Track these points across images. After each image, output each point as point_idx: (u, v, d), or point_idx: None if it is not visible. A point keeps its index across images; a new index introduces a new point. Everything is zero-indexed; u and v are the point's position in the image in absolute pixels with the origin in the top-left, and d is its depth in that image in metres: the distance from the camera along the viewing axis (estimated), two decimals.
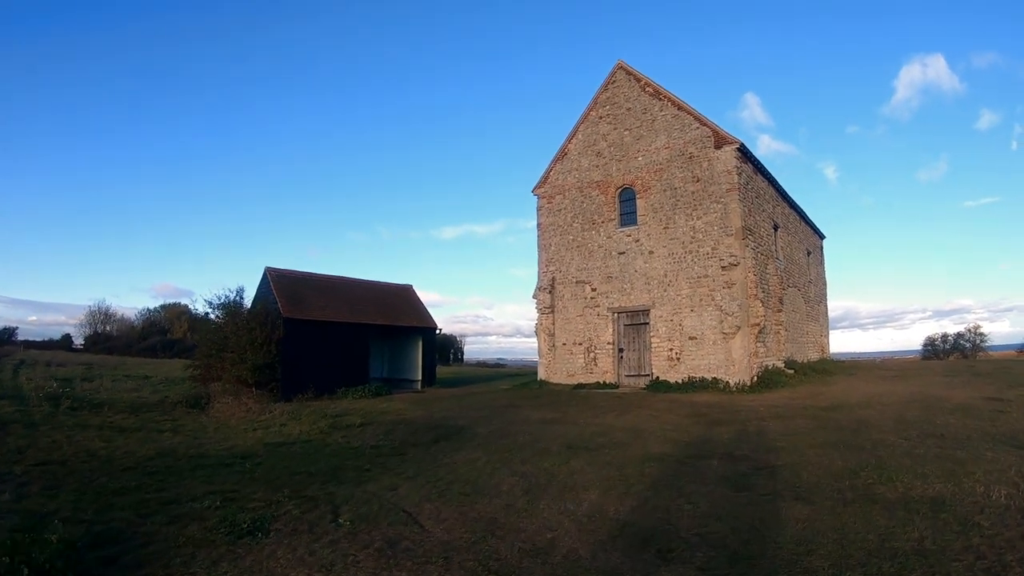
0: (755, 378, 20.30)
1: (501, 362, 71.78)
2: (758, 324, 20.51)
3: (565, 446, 10.91)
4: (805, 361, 27.96)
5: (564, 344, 24.97)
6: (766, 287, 22.52)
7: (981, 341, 43.72)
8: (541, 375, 25.58)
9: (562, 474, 8.85)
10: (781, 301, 24.00)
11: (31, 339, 64.56)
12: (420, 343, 27.05)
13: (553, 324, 25.38)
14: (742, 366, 20.08)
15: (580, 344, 24.40)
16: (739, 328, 20.20)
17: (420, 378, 26.90)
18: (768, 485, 7.90)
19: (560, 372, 24.87)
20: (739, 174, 21.20)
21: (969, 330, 44.65)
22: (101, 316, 68.43)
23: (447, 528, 6.62)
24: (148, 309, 72.84)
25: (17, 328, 65.92)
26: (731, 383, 19.86)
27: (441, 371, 49.85)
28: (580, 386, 22.87)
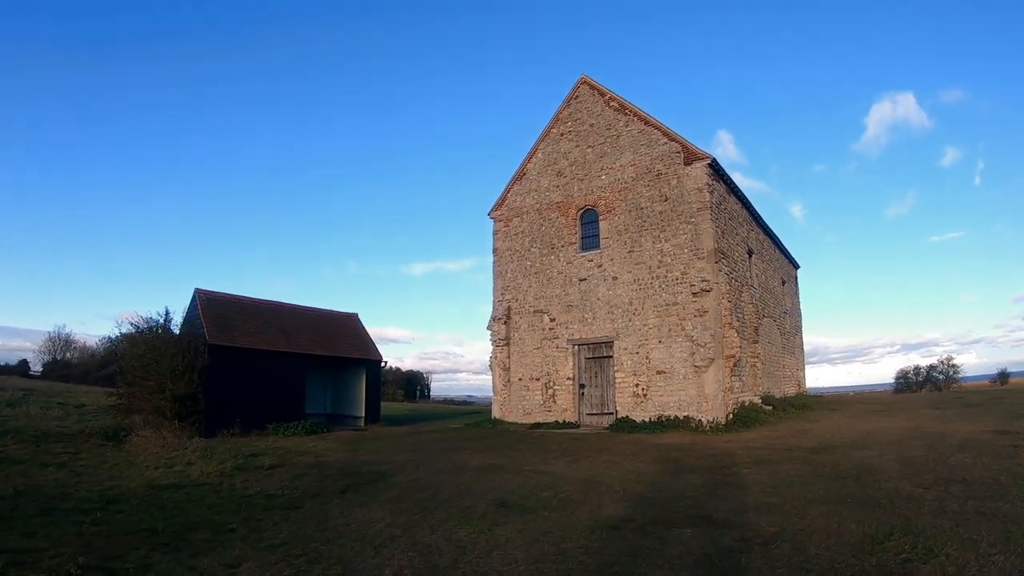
0: (730, 416, 18.11)
1: (470, 399, 69.76)
2: (733, 356, 18.39)
3: (497, 504, 8.45)
4: (782, 396, 25.94)
5: (520, 379, 22.54)
6: (741, 316, 20.51)
7: (954, 373, 43.61)
8: (495, 413, 23.06)
9: (478, 549, 6.40)
10: (757, 331, 22.01)
11: None
12: (364, 376, 24.37)
13: (508, 357, 22.99)
14: (716, 402, 17.87)
15: (537, 379, 22.00)
16: (712, 360, 18.05)
17: (363, 414, 24.16)
18: (764, 569, 5.56)
19: (516, 410, 22.38)
20: (711, 192, 19.35)
21: (942, 362, 44.65)
22: (61, 343, 64.97)
23: None
24: (110, 338, 68.96)
25: None
26: (704, 421, 17.62)
27: (398, 408, 47.42)
28: (537, 425, 20.41)
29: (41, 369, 62.00)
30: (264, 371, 20.80)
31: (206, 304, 21.30)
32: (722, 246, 19.61)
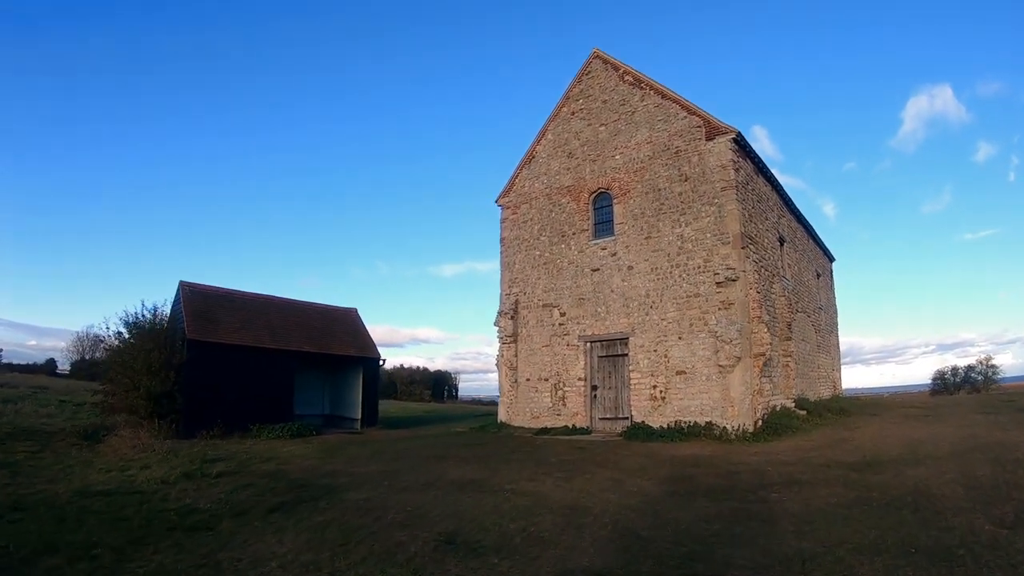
0: (759, 422, 15.99)
1: (497, 400, 67.78)
2: (763, 354, 16.25)
3: (442, 540, 6.59)
4: (817, 399, 23.59)
5: (528, 380, 20.67)
6: (772, 309, 18.31)
7: (993, 373, 41.78)
8: (501, 416, 21.24)
9: None
10: (790, 327, 19.76)
11: (17, 362, 62.03)
12: (360, 376, 22.75)
13: (516, 356, 21.13)
14: (743, 407, 15.77)
15: (546, 380, 20.10)
16: (739, 359, 15.94)
17: (360, 416, 22.54)
18: None
19: (523, 413, 20.52)
20: (736, 170, 17.21)
21: (980, 362, 42.80)
22: (89, 342, 65.78)
23: None
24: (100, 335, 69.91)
25: (1, 350, 63.01)
26: (729, 428, 15.54)
27: (416, 408, 45.86)
28: (544, 431, 18.52)
29: (69, 368, 62.66)
30: (249, 369, 19.51)
31: (189, 297, 20.05)
32: (749, 230, 17.45)
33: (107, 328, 19.16)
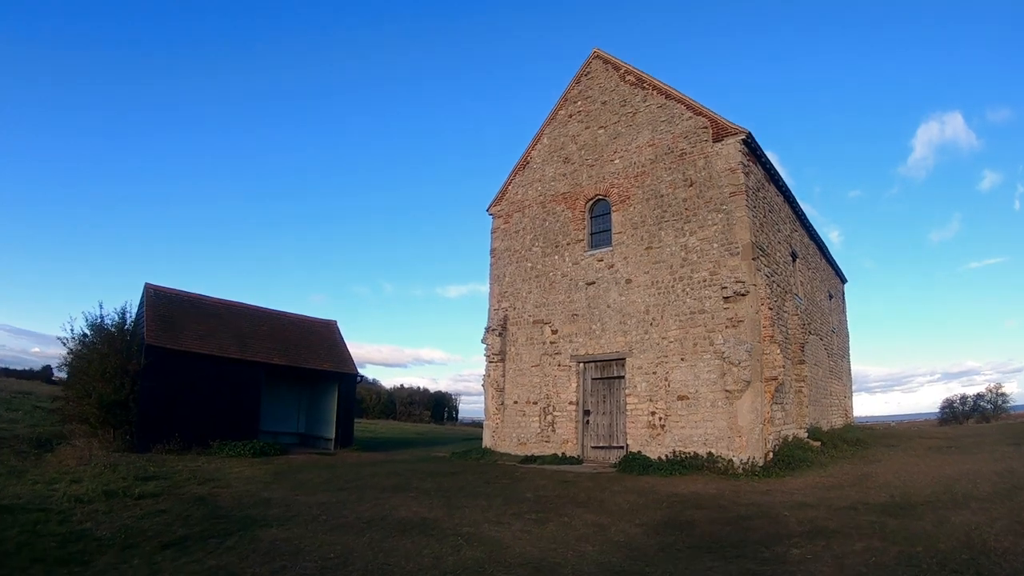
0: (770, 454, 14.16)
1: None
2: (775, 378, 14.46)
3: None
4: (830, 428, 21.70)
5: (516, 402, 18.87)
6: (784, 329, 16.54)
7: (1003, 402, 40.52)
8: (486, 442, 19.40)
9: None
10: (803, 349, 17.98)
11: (13, 367, 61.39)
12: (336, 393, 21.01)
13: (503, 376, 19.36)
14: (752, 437, 13.96)
15: (535, 403, 18.31)
16: (748, 383, 14.17)
17: (333, 436, 20.78)
18: None
19: (509, 439, 18.69)
20: (746, 173, 15.61)
21: (989, 390, 41.40)
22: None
23: None
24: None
25: None
26: (735, 461, 13.72)
27: (408, 429, 43.87)
28: (531, 459, 16.68)
29: (66, 374, 61.67)
30: (212, 380, 18.06)
31: (153, 300, 18.64)
32: (760, 241, 15.79)
33: (71, 330, 17.94)
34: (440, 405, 68.81)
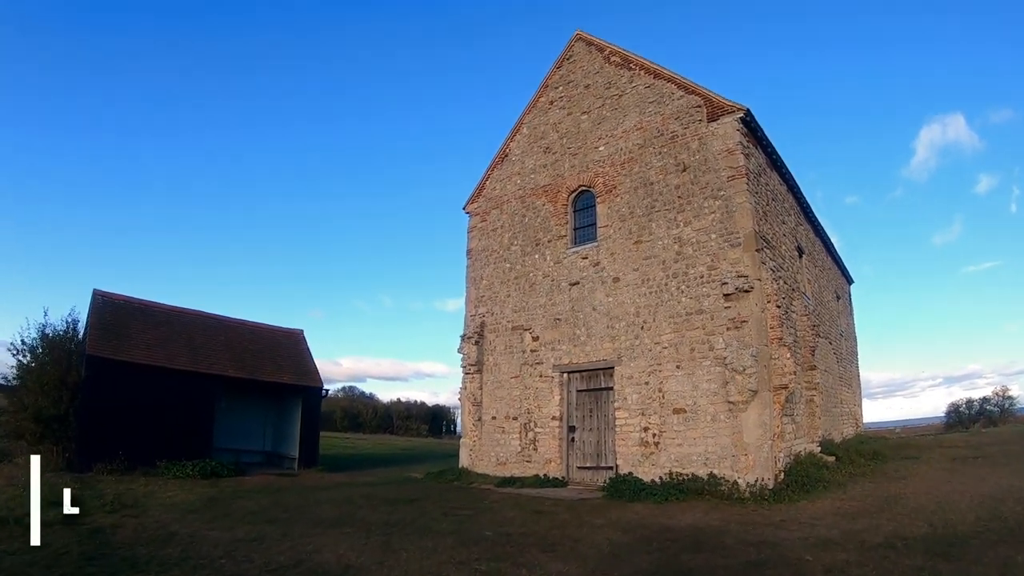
0: (781, 474, 12.25)
1: None
2: (785, 386, 12.57)
3: None
4: (842, 439, 19.81)
5: (494, 418, 16.96)
6: (793, 331, 14.68)
7: (1009, 405, 39.98)
8: (463, 461, 17.45)
9: None
10: (813, 354, 16.10)
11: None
12: (300, 408, 19.11)
13: (480, 389, 17.46)
14: (760, 455, 12.03)
15: (515, 419, 16.39)
16: (755, 393, 12.25)
17: (297, 455, 18.89)
18: None
19: (488, 458, 16.77)
20: (746, 155, 13.82)
21: (996, 394, 41.14)
22: None
23: None
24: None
25: None
26: (741, 483, 11.79)
27: (400, 443, 41.96)
28: (510, 481, 14.79)
29: None
30: (161, 393, 16.35)
31: (98, 307, 17.09)
32: (764, 231, 13.97)
33: (21, 340, 16.47)
34: (438, 419, 67.08)
